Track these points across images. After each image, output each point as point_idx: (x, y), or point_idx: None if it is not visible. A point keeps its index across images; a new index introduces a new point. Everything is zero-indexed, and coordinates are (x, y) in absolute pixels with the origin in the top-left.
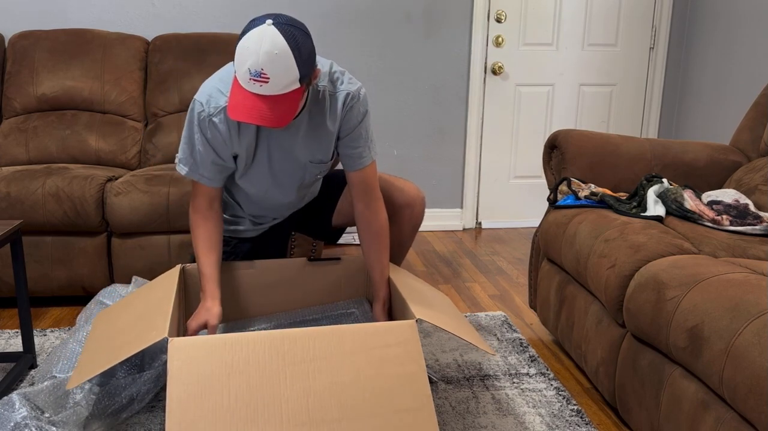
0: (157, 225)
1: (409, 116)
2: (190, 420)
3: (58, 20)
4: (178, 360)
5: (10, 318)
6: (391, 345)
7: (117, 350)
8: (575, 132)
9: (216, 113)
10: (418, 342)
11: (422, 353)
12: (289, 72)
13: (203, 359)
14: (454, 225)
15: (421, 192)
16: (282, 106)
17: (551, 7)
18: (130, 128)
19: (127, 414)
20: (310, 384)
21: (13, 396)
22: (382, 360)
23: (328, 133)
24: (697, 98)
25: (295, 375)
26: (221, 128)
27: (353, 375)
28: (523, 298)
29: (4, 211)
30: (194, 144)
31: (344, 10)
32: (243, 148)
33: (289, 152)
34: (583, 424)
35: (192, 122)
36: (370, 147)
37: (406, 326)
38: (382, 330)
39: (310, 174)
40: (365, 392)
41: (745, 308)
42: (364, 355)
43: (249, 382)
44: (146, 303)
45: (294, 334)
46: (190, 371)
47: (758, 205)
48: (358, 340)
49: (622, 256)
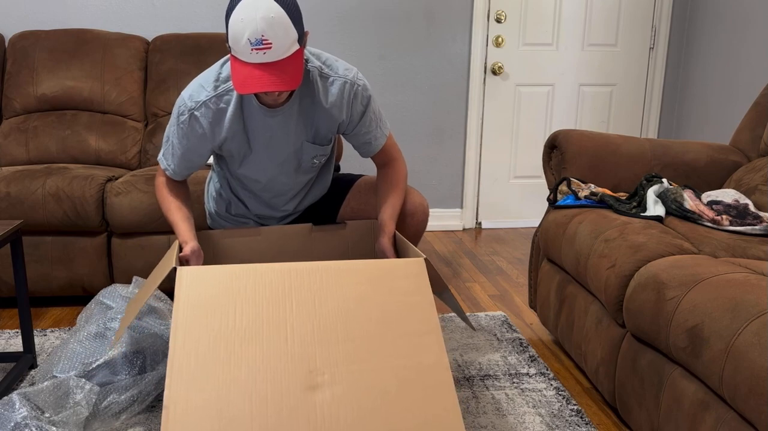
0: (157, 225)
1: (409, 116)
2: (194, 339)
3: (58, 20)
4: (185, 287)
5: (10, 318)
6: (399, 277)
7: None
8: (575, 132)
9: (197, 107)
10: (427, 277)
11: (430, 287)
12: (288, 33)
13: (210, 286)
14: (454, 225)
15: (424, 201)
16: (289, 68)
17: (551, 7)
18: (130, 128)
19: (127, 415)
20: (317, 310)
21: (13, 396)
22: (390, 289)
23: (323, 111)
24: (697, 98)
25: (301, 301)
26: (203, 122)
27: (360, 301)
28: (523, 298)
29: (4, 211)
30: (172, 139)
31: (344, 10)
32: (231, 138)
33: (285, 133)
34: (583, 424)
35: (174, 116)
36: (381, 126)
37: (414, 262)
38: (390, 264)
39: (308, 155)
40: (372, 316)
41: (745, 308)
42: (372, 285)
43: (255, 308)
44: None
45: (302, 266)
46: (197, 295)
47: (758, 205)
48: (367, 272)
49: (622, 256)
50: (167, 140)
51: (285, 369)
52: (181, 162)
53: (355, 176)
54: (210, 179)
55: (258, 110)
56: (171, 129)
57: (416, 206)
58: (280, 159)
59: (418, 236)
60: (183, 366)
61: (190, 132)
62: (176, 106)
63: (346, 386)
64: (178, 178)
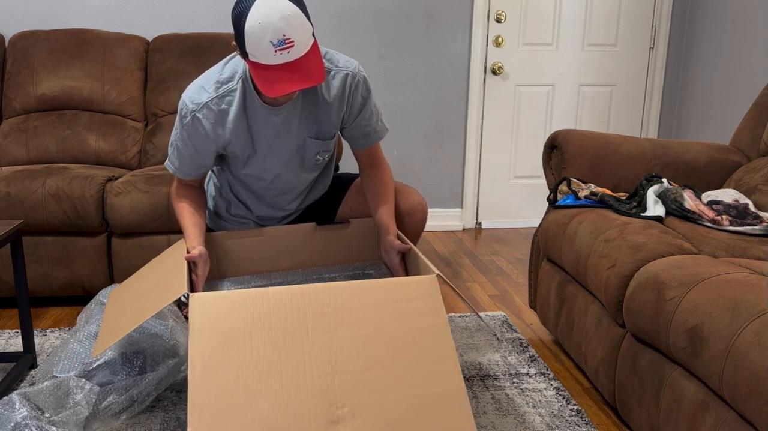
0: (157, 225)
1: (409, 116)
2: (213, 373)
3: (58, 20)
4: (199, 314)
5: (10, 318)
6: (413, 298)
7: (138, 313)
8: (575, 132)
9: (199, 108)
10: (440, 296)
11: (444, 307)
12: (305, 28)
13: (224, 313)
14: (454, 225)
15: (422, 200)
16: (312, 61)
17: (551, 7)
18: (130, 128)
19: (127, 415)
20: (332, 336)
21: (13, 396)
22: (404, 312)
23: (326, 105)
24: (697, 98)
25: (317, 327)
26: (205, 123)
27: (375, 327)
28: (523, 298)
29: (4, 211)
30: (176, 142)
31: (344, 10)
32: (235, 140)
33: (288, 129)
34: (583, 424)
35: (177, 120)
36: (381, 120)
37: (426, 280)
38: (403, 284)
39: (311, 151)
40: (388, 343)
41: (745, 308)
42: (386, 308)
43: (271, 335)
44: (159, 273)
45: (315, 289)
46: (211, 325)
47: (758, 205)
48: (380, 294)
49: (622, 256)
50: (172, 143)
51: (306, 403)
52: (190, 163)
53: (353, 176)
54: (209, 179)
55: (261, 109)
56: (175, 133)
57: (414, 205)
58: (285, 157)
59: (417, 235)
60: (204, 402)
61: (194, 134)
62: (179, 109)
63: (367, 419)
64: (190, 179)
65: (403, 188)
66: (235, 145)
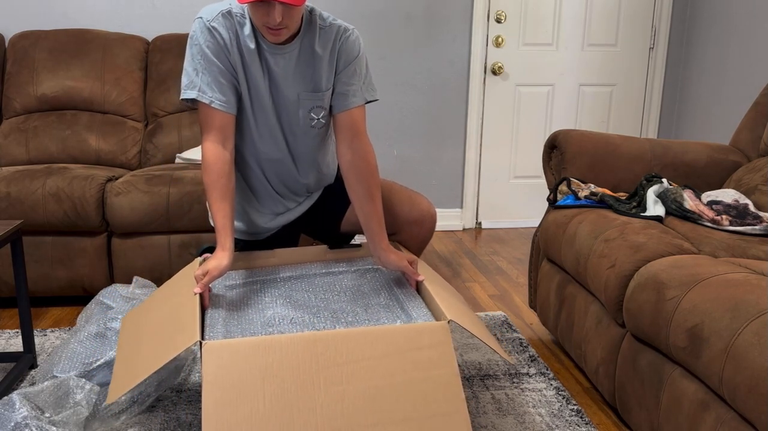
0: (157, 225)
1: (409, 116)
2: (226, 428)
3: (58, 20)
4: (212, 364)
5: (10, 318)
6: (424, 347)
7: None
8: (575, 132)
9: (213, 18)
10: (451, 343)
11: (455, 355)
12: None
13: (237, 362)
14: (454, 225)
15: (431, 207)
16: None
17: (551, 7)
18: (130, 128)
19: (127, 415)
20: (345, 388)
21: (13, 396)
22: (415, 363)
23: (319, 59)
24: (697, 98)
25: (329, 378)
26: (222, 32)
27: (387, 379)
28: (523, 298)
29: (4, 211)
30: (197, 61)
31: (344, 10)
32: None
33: (285, 79)
34: (583, 424)
35: (192, 38)
36: (363, 89)
37: (438, 327)
38: (414, 331)
39: (305, 107)
40: (399, 396)
41: (745, 308)
42: (398, 358)
43: (283, 386)
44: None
45: (327, 336)
46: (224, 375)
47: (758, 205)
48: (392, 342)
49: (622, 256)
50: (188, 73)
51: None
52: (220, 85)
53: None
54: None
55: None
56: (195, 55)
57: (424, 213)
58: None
59: (424, 244)
60: None
61: (213, 44)
62: (191, 35)
63: None
64: (227, 108)
65: (412, 194)
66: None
